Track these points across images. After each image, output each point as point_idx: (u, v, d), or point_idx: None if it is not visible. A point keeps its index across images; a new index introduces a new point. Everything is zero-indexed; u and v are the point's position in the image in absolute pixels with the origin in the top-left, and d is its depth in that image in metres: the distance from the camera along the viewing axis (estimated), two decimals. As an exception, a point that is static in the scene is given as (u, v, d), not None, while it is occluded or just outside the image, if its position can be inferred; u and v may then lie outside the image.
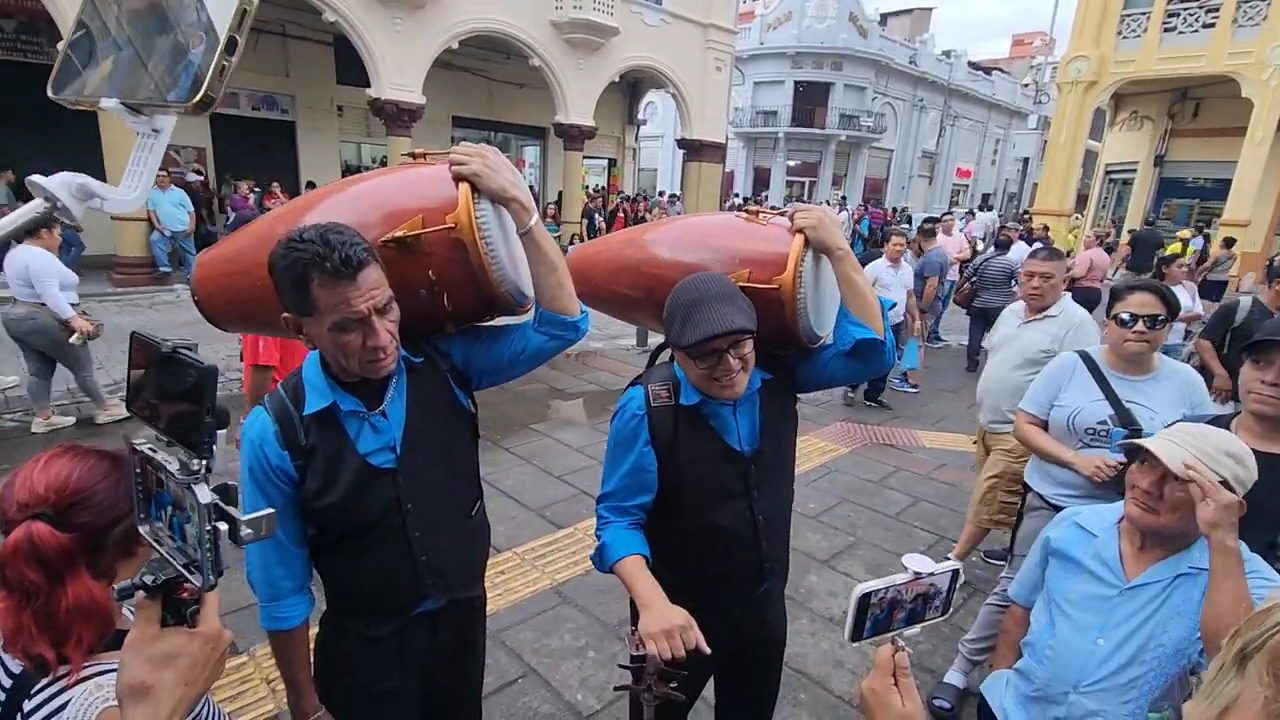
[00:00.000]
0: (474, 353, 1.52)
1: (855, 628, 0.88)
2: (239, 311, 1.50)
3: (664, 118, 28.81)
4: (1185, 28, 16.16)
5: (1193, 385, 2.26)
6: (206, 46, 0.81)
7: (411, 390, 1.41)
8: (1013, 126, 39.25)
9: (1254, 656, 0.57)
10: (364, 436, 1.35)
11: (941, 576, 0.92)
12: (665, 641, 1.30)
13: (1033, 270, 3.24)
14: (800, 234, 1.53)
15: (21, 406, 5.37)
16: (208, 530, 0.66)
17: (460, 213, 1.34)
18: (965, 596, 3.41)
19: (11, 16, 10.85)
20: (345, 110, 14.74)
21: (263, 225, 1.51)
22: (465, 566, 1.56)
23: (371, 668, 1.44)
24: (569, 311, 1.48)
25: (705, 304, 1.40)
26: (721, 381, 1.44)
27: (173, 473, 0.67)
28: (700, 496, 1.56)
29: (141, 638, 0.72)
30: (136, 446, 0.72)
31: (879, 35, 31.20)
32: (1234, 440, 1.36)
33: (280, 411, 1.33)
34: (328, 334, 1.24)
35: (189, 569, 0.69)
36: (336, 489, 1.32)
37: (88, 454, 0.99)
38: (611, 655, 2.86)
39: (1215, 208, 17.95)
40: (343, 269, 1.18)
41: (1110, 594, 1.42)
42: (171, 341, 0.69)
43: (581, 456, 4.92)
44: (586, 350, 8.05)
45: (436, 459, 1.45)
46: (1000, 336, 3.42)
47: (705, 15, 16.20)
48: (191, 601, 0.74)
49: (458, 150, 1.41)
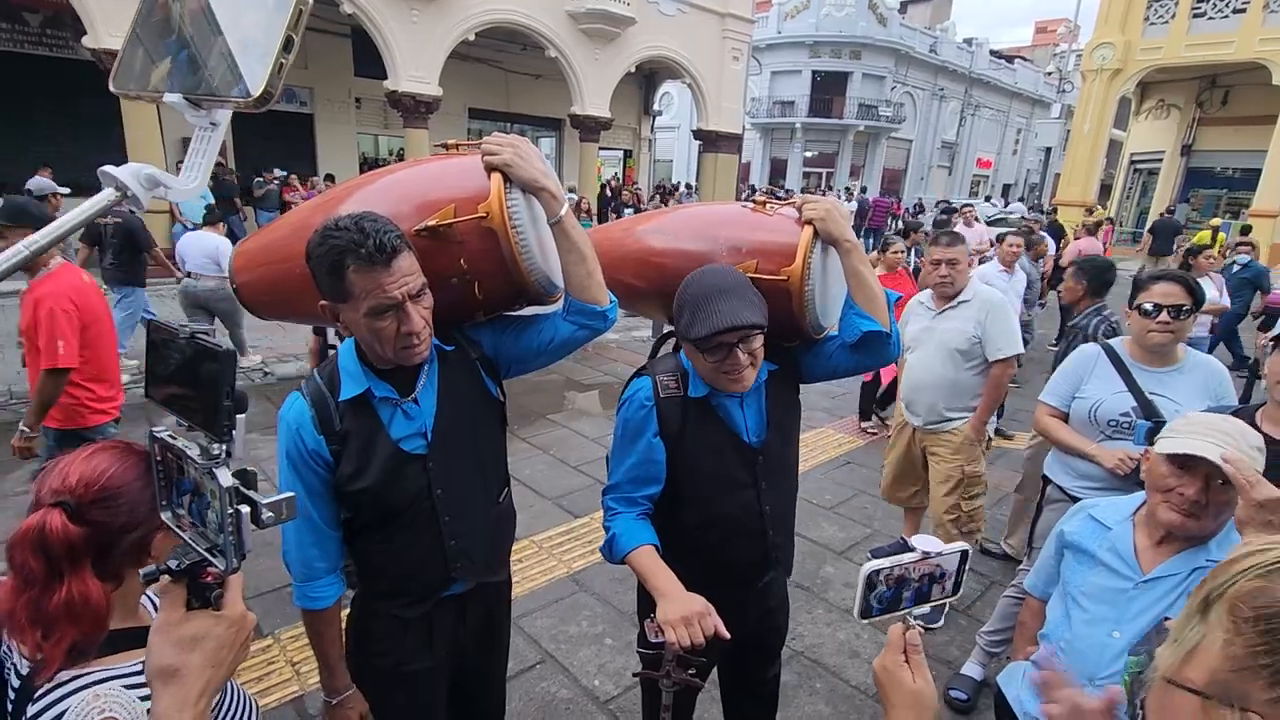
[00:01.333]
0: (504, 341, 1.54)
1: (864, 605, 0.89)
2: (277, 300, 1.54)
3: (680, 109, 28.65)
4: (1215, 13, 15.78)
5: (1217, 377, 2.23)
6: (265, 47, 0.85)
7: (443, 378, 1.43)
8: (1035, 116, 38.54)
9: (1216, 603, 0.60)
10: (396, 422, 1.38)
11: (949, 556, 0.93)
12: (685, 628, 1.30)
13: (938, 258, 3.07)
14: (809, 225, 1.53)
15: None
16: (230, 514, 0.67)
17: (492, 202, 1.36)
18: (983, 588, 3.39)
19: (37, 11, 11.02)
20: (363, 102, 14.84)
21: (300, 215, 1.55)
22: (492, 551, 1.58)
23: (402, 649, 1.48)
24: (598, 301, 1.49)
25: (716, 297, 1.39)
26: (730, 376, 1.45)
27: (193, 458, 0.69)
28: (708, 487, 1.58)
29: (168, 621, 0.73)
30: (156, 434, 0.73)
31: (899, 23, 30.73)
32: (1255, 433, 1.34)
33: (317, 397, 1.36)
34: (363, 320, 1.26)
35: (212, 553, 0.71)
36: (369, 473, 1.35)
37: (133, 455, 0.97)
38: (628, 643, 2.89)
39: (1244, 198, 17.58)
40: (377, 255, 1.20)
41: (1126, 586, 1.41)
42: (189, 327, 0.70)
43: (597, 447, 4.95)
44: (602, 342, 8.07)
45: (466, 446, 1.47)
46: (914, 331, 3.21)
47: (722, 5, 16.05)
48: (216, 585, 0.76)
49: (490, 140, 1.42)
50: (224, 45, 0.89)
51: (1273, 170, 15.30)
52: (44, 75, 11.18)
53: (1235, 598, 0.58)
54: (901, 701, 0.85)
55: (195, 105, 0.93)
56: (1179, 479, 1.34)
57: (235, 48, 0.89)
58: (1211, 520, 1.33)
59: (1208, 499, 1.31)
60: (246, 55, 0.88)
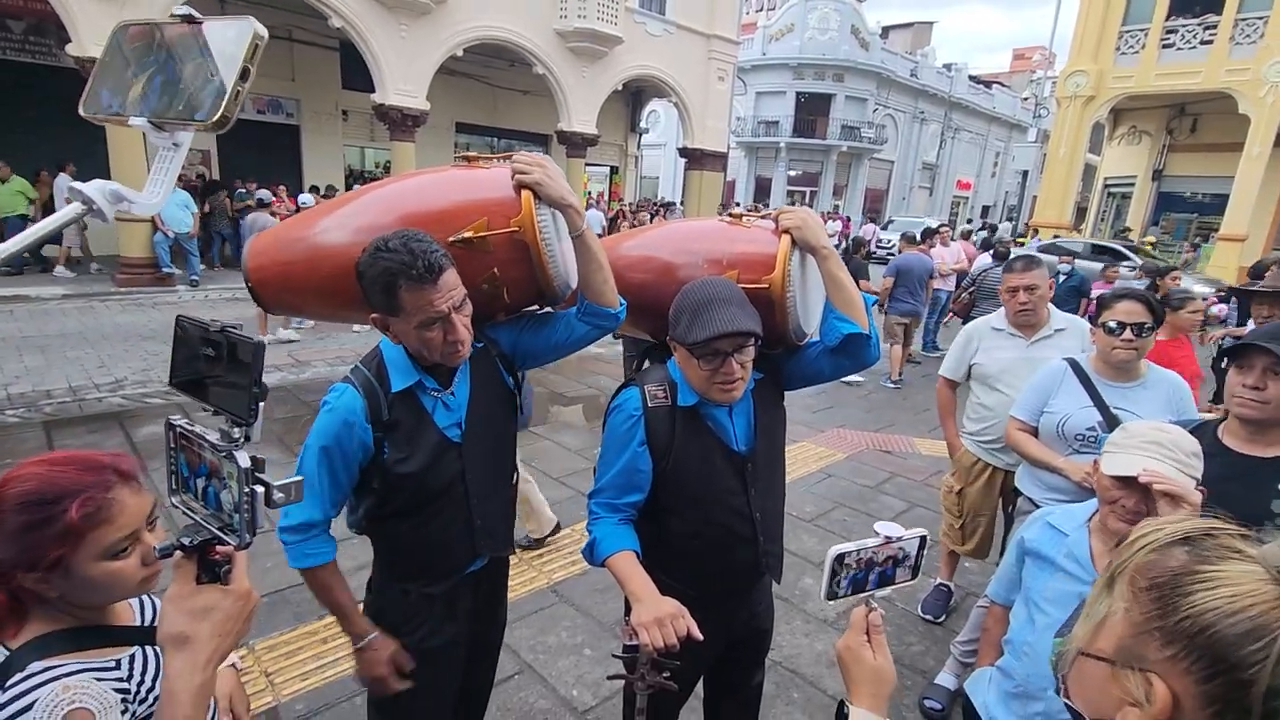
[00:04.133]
0: (522, 338, 1.69)
1: (830, 587, 0.94)
2: (290, 298, 1.65)
3: (666, 126, 29.00)
4: (1183, 44, 16.33)
5: (1179, 391, 2.31)
6: (224, 75, 0.95)
7: (474, 372, 1.58)
8: (1013, 139, 39.48)
9: (1119, 578, 0.65)
10: (439, 413, 1.51)
11: (910, 541, 0.99)
12: (657, 630, 1.33)
13: (1015, 285, 2.88)
14: (786, 234, 1.60)
15: (24, 402, 5.41)
16: (246, 492, 0.72)
17: (524, 217, 1.50)
18: (960, 599, 3.44)
19: (20, 18, 10.96)
20: (350, 115, 14.87)
21: (322, 216, 1.63)
22: (508, 529, 1.74)
23: (426, 625, 1.58)
24: (612, 304, 1.64)
25: (715, 304, 1.45)
26: (722, 385, 1.49)
27: (213, 443, 0.74)
28: (700, 496, 1.61)
29: (180, 593, 0.79)
30: (174, 422, 0.79)
31: (880, 48, 31.45)
32: (1192, 439, 1.42)
33: (368, 388, 1.45)
34: (414, 331, 1.39)
35: (225, 530, 0.76)
36: (416, 459, 1.48)
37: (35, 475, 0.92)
38: (607, 653, 2.89)
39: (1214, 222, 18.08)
40: (426, 275, 1.33)
41: (1084, 590, 1.45)
42: (220, 322, 0.76)
43: (580, 459, 4.96)
44: (587, 355, 8.11)
45: (490, 433, 1.62)
46: (1000, 361, 2.94)
47: (708, 26, 16.35)
48: (225, 562, 0.81)
49: (520, 159, 1.55)
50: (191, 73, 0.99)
51: (1240, 196, 15.78)
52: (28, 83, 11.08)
53: (1133, 570, 0.64)
54: (862, 677, 0.91)
55: (158, 127, 1.02)
56: (1121, 491, 1.42)
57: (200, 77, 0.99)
58: None
59: (1148, 508, 1.38)
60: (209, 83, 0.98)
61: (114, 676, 0.92)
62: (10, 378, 5.93)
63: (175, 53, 0.97)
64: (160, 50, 0.99)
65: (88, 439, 4.78)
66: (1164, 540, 0.64)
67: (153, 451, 4.62)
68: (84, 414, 5.32)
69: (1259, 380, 1.66)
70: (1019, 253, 7.48)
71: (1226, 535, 0.62)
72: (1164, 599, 0.60)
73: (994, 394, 2.96)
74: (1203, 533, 0.63)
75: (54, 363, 6.40)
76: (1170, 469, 1.36)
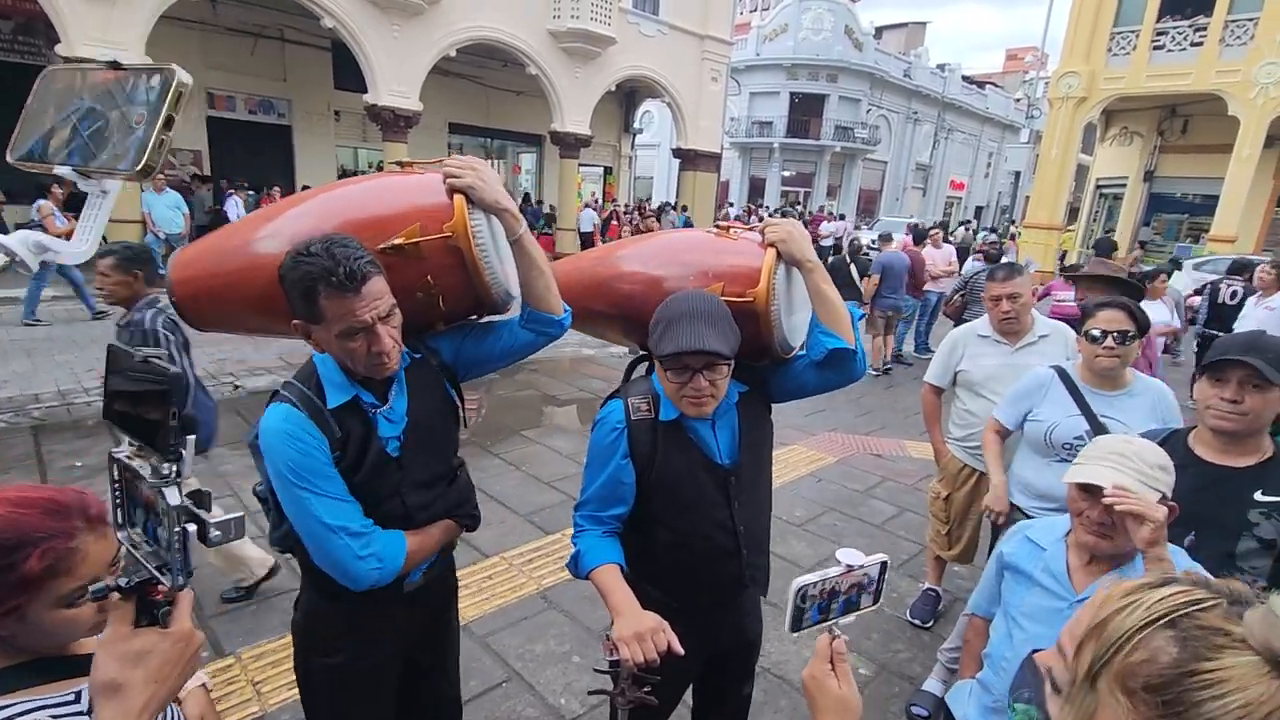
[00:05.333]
0: (464, 347, 1.64)
1: (794, 619, 0.94)
2: (220, 313, 1.55)
3: (660, 127, 28.98)
4: (1174, 46, 16.40)
5: (1164, 400, 2.32)
6: (148, 123, 0.94)
7: (411, 384, 1.51)
8: (1005, 140, 39.59)
9: (1102, 674, 0.60)
10: (380, 426, 1.45)
11: (872, 567, 0.99)
12: (637, 645, 1.33)
13: (998, 293, 2.89)
14: (772, 248, 1.59)
15: (11, 407, 5.37)
16: (177, 531, 0.70)
17: (457, 223, 1.45)
18: (947, 604, 3.45)
19: (9, 18, 10.89)
20: (342, 115, 14.82)
21: (250, 226, 1.56)
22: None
23: (357, 646, 1.52)
24: (554, 310, 1.61)
25: (688, 319, 1.44)
26: (690, 400, 1.49)
27: (144, 477, 0.72)
28: (682, 509, 1.60)
29: (114, 637, 0.75)
30: (115, 454, 0.76)
31: (874, 48, 31.51)
32: (1160, 451, 1.43)
33: (308, 404, 1.37)
34: (335, 340, 1.33)
35: (161, 570, 0.73)
36: (361, 472, 1.41)
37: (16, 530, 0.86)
38: (596, 661, 2.89)
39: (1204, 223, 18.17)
40: (347, 283, 1.26)
41: (1061, 606, 1.46)
42: (144, 351, 0.73)
43: (571, 463, 4.95)
44: (579, 357, 8.10)
45: (431, 446, 1.55)
46: (985, 368, 2.96)
47: (702, 26, 16.36)
48: (165, 603, 0.77)
49: (451, 163, 1.50)
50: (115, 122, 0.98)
51: (1230, 197, 15.86)
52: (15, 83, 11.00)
53: (1122, 672, 0.59)
54: (828, 706, 0.91)
55: (85, 175, 1.02)
56: (1085, 502, 1.43)
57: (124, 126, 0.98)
58: (1124, 539, 1.40)
59: (1113, 519, 1.38)
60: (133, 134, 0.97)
61: (72, 711, 0.88)
62: (3, 382, 5.89)
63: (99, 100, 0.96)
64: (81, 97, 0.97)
65: (75, 445, 4.75)
66: (1140, 623, 0.59)
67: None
68: (72, 418, 5.28)
69: (1236, 394, 1.66)
70: None
71: (1208, 613, 0.58)
72: (1168, 705, 0.55)
73: (979, 400, 2.98)
74: (1181, 613, 0.58)
75: (42, 367, 6.36)
76: (1131, 480, 1.37)
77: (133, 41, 9.16)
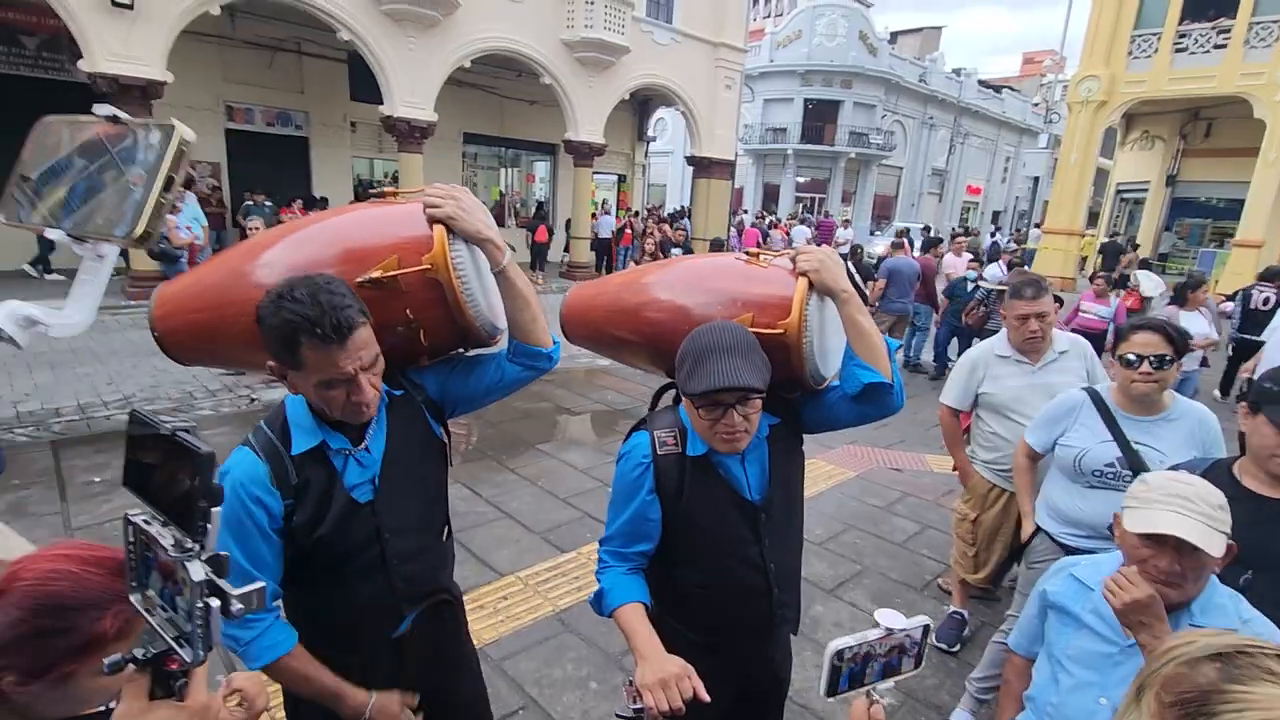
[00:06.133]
0: (450, 383, 1.57)
1: (830, 683, 0.89)
2: (203, 348, 1.51)
3: (674, 134, 28.99)
4: (1197, 48, 16.16)
5: (1205, 426, 2.22)
6: (146, 185, 0.88)
7: (391, 423, 1.45)
8: (1023, 144, 39.22)
9: (1146, 690, 0.64)
10: (350, 471, 1.38)
11: (914, 630, 0.94)
12: (662, 692, 1.28)
13: (1026, 312, 2.76)
14: (804, 277, 1.53)
15: (33, 421, 5.42)
16: (199, 606, 0.66)
17: (436, 254, 1.40)
18: (973, 630, 3.36)
19: (34, 34, 11.08)
20: (358, 126, 14.93)
21: (231, 261, 1.50)
22: (436, 583, 1.58)
23: None
24: (542, 343, 1.56)
25: (717, 354, 1.38)
26: (723, 437, 1.43)
27: (166, 548, 0.68)
28: (711, 547, 1.55)
29: (129, 712, 0.72)
30: (131, 518, 0.72)
31: (889, 54, 31.35)
32: (1217, 491, 1.34)
33: (269, 451, 1.32)
34: (313, 389, 1.27)
35: (179, 641, 0.70)
36: (326, 523, 1.34)
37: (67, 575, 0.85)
38: (614, 687, 2.84)
39: (1229, 227, 17.87)
40: (333, 336, 1.20)
41: (1112, 651, 1.39)
42: (171, 424, 0.70)
43: (587, 478, 4.91)
44: (595, 369, 8.07)
45: (413, 487, 1.48)
46: (1010, 389, 2.86)
47: (716, 34, 16.33)
48: (180, 674, 0.74)
49: (431, 192, 1.45)
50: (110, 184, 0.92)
51: (1255, 201, 15.57)
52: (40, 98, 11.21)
53: (1161, 684, 0.62)
54: None
55: (79, 239, 0.96)
56: (1150, 551, 1.33)
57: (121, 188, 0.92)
58: (1191, 585, 1.32)
59: (1183, 566, 1.30)
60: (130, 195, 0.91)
61: None
62: (20, 395, 5.96)
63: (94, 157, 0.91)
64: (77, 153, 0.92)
65: (94, 459, 4.78)
66: (1195, 654, 0.62)
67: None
68: (92, 432, 5.33)
69: None
70: None
71: (1261, 655, 0.60)
72: (1189, 717, 0.58)
73: (1007, 423, 2.90)
74: (1237, 650, 0.61)
75: (63, 379, 6.43)
76: (1198, 524, 1.29)
77: (154, 57, 9.29)
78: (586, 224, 15.64)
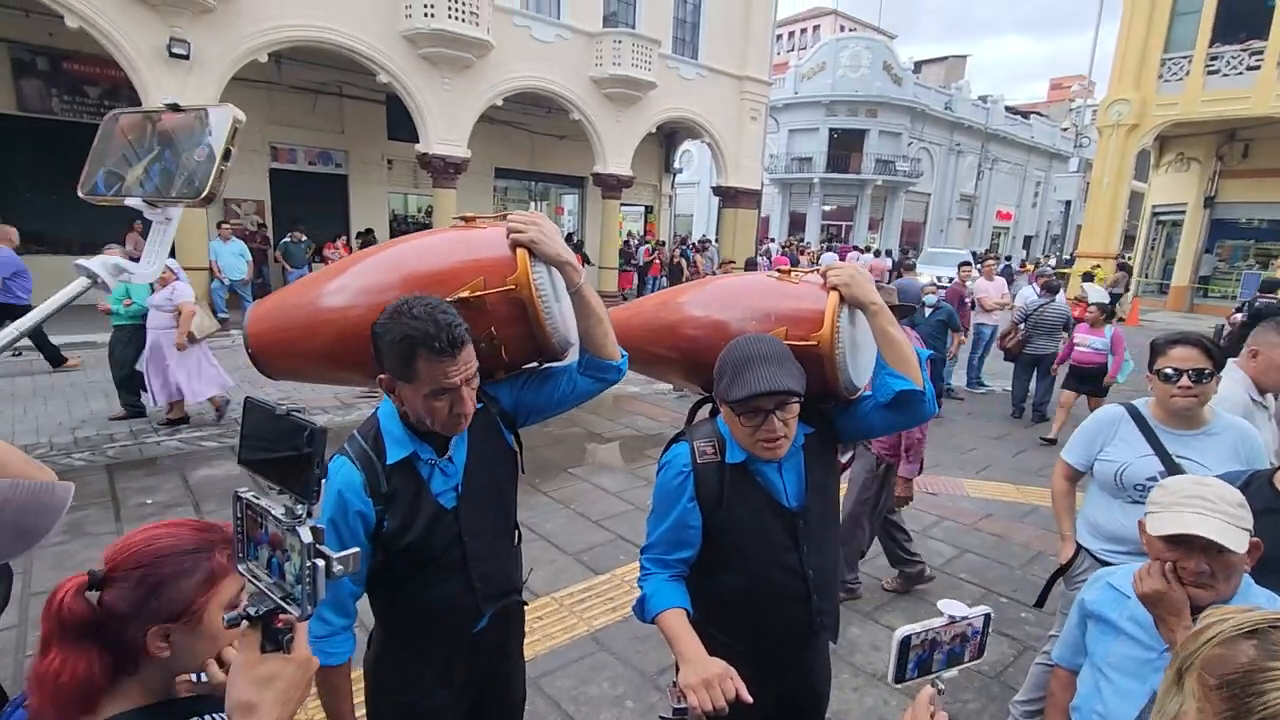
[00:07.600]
0: (524, 395, 1.67)
1: (898, 669, 0.93)
2: (294, 366, 1.63)
3: (700, 165, 29.40)
4: (1229, 70, 15.99)
5: (1247, 439, 2.19)
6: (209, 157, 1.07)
7: (472, 434, 1.54)
8: (1053, 169, 38.89)
9: (1187, 673, 0.65)
10: (435, 479, 1.48)
11: (976, 619, 0.98)
12: (705, 692, 1.31)
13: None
14: (835, 291, 1.59)
15: (89, 446, 5.66)
16: (308, 566, 0.74)
17: (520, 275, 1.50)
18: (1015, 654, 3.29)
19: (96, 84, 11.79)
20: (394, 163, 15.48)
21: (319, 281, 1.63)
22: (512, 585, 1.68)
23: (420, 687, 1.54)
24: (613, 357, 1.64)
25: (756, 362, 1.45)
26: (764, 443, 1.48)
27: (278, 517, 0.77)
28: (750, 553, 1.59)
29: (246, 662, 0.81)
30: (240, 494, 0.82)
31: (913, 82, 31.54)
32: (1234, 490, 1.36)
33: (364, 460, 1.43)
34: (422, 399, 1.37)
35: (286, 601, 0.78)
36: (414, 529, 1.44)
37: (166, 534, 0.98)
38: (649, 705, 2.84)
39: (1272, 248, 17.43)
40: (448, 350, 1.32)
41: (1151, 657, 1.38)
42: (285, 405, 0.80)
43: (619, 501, 4.95)
44: (624, 394, 8.13)
45: (490, 495, 1.58)
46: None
47: (740, 68, 16.67)
48: (287, 630, 0.83)
49: (514, 218, 1.56)
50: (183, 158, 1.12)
51: (1299, 222, 15.19)
52: (99, 142, 11.87)
53: (1202, 667, 0.64)
54: None
55: (152, 205, 1.15)
56: (1174, 552, 1.34)
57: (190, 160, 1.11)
58: (1223, 585, 1.32)
59: (1213, 567, 1.31)
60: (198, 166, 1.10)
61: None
62: (77, 421, 6.23)
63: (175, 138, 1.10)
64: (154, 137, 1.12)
65: (146, 482, 4.96)
66: (1229, 633, 0.64)
67: (206, 494, 4.78)
68: (144, 457, 5.53)
69: None
70: None
71: None
72: (1236, 698, 0.59)
73: None
74: (1270, 624, 0.63)
75: (117, 406, 6.70)
76: (1218, 522, 1.30)
77: (207, 102, 9.83)
78: (615, 254, 15.88)
